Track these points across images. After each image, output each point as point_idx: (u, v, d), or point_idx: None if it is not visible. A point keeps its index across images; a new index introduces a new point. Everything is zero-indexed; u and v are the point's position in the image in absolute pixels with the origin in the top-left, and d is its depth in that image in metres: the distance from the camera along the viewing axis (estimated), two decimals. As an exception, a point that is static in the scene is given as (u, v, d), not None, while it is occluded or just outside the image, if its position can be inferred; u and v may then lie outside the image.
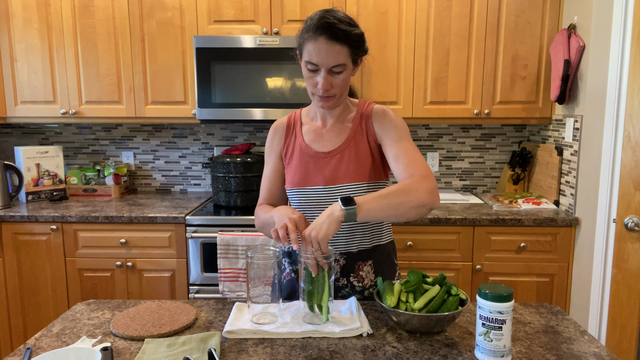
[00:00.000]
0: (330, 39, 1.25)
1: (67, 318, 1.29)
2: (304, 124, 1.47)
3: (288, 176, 1.44)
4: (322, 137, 1.43)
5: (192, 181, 3.12)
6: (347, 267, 1.41)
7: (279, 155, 1.48)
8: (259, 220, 1.44)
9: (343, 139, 1.41)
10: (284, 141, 1.47)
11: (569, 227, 2.36)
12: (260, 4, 2.57)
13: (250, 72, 2.52)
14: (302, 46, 1.31)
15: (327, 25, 1.24)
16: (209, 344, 1.10)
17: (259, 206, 1.48)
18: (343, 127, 1.42)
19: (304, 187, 1.40)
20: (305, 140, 1.44)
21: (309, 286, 1.20)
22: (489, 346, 1.03)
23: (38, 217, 2.44)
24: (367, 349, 1.10)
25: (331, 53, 1.26)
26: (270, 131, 1.50)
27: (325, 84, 1.29)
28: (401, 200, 1.20)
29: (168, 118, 2.70)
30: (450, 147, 3.02)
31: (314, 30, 1.25)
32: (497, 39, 2.56)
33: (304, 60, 1.30)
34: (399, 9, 2.56)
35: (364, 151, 1.39)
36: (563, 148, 2.51)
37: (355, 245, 1.41)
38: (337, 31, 1.24)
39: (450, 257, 2.41)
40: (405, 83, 2.61)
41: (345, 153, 1.39)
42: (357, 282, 1.42)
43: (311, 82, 1.32)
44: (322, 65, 1.27)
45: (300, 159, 1.42)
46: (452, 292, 1.21)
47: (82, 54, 2.66)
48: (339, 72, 1.30)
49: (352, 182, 1.37)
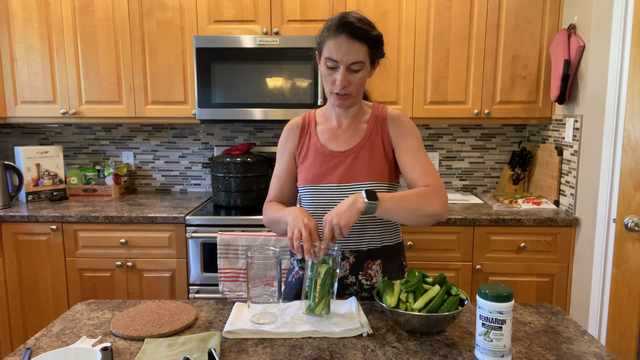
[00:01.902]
0: (350, 37, 1.29)
1: (67, 318, 1.29)
2: (318, 123, 1.50)
3: (301, 174, 1.47)
4: (338, 137, 1.46)
5: (192, 181, 3.12)
6: (356, 265, 1.43)
7: (292, 154, 1.51)
8: (267, 217, 1.46)
9: (358, 140, 1.44)
10: (298, 140, 1.50)
11: (569, 227, 2.36)
12: (260, 4, 2.57)
13: (250, 72, 2.52)
14: (322, 44, 1.35)
15: (348, 24, 1.29)
16: (209, 344, 1.10)
17: (267, 203, 1.51)
18: (358, 128, 1.46)
19: (317, 185, 1.42)
20: (320, 140, 1.46)
21: (315, 276, 1.21)
22: (489, 346, 1.03)
23: (38, 217, 2.44)
24: (367, 349, 1.10)
25: (351, 50, 1.30)
26: (284, 130, 1.53)
27: (344, 80, 1.32)
28: (418, 206, 1.28)
29: (168, 118, 2.70)
30: (450, 147, 3.02)
31: (335, 28, 1.30)
32: (497, 39, 2.56)
33: (324, 57, 1.34)
34: (399, 9, 2.56)
35: (378, 152, 1.42)
36: (563, 148, 2.51)
37: (365, 244, 1.43)
38: (358, 30, 1.29)
39: (450, 257, 2.41)
40: (405, 83, 2.61)
41: (360, 153, 1.42)
42: (365, 280, 1.43)
43: (330, 79, 1.35)
44: (342, 61, 1.31)
45: (315, 158, 1.45)
46: (452, 292, 1.21)
47: (82, 54, 2.66)
48: (357, 70, 1.33)
49: (366, 181, 1.40)
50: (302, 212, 1.28)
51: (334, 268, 1.22)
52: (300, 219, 1.24)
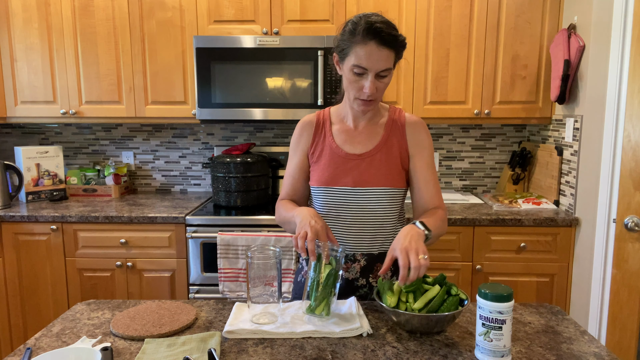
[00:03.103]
0: (380, 44, 1.27)
1: (67, 318, 1.29)
2: (333, 123, 1.48)
3: (315, 174, 1.45)
4: (354, 139, 1.44)
5: (192, 181, 3.12)
6: (367, 267, 1.43)
7: (305, 152, 1.49)
8: (279, 216, 1.46)
9: (375, 143, 1.43)
10: (312, 139, 1.47)
11: (569, 227, 2.36)
12: (260, 4, 2.57)
13: (250, 72, 2.52)
14: (347, 50, 1.31)
15: (378, 30, 1.26)
16: (209, 344, 1.10)
17: (280, 201, 1.50)
18: (375, 131, 1.44)
19: (331, 187, 1.42)
20: (335, 141, 1.45)
21: (317, 276, 1.21)
22: (489, 346, 1.03)
23: (38, 217, 2.44)
24: (367, 349, 1.10)
25: (382, 58, 1.28)
26: (297, 128, 1.50)
27: (372, 87, 1.31)
28: (442, 231, 1.38)
29: (168, 118, 2.70)
30: (450, 147, 3.02)
31: (364, 35, 1.27)
32: (497, 39, 2.56)
33: (351, 64, 1.30)
34: (399, 9, 2.56)
35: (394, 158, 1.42)
36: (563, 148, 2.51)
37: (377, 247, 1.44)
38: (387, 36, 1.27)
39: (450, 257, 2.41)
40: (405, 83, 2.61)
41: (376, 157, 1.41)
42: (375, 282, 1.44)
43: (356, 85, 1.33)
44: (372, 69, 1.29)
45: (330, 159, 1.43)
46: (452, 292, 1.21)
47: (82, 54, 2.66)
48: (384, 77, 1.32)
49: (381, 186, 1.39)
50: (310, 213, 1.27)
51: (336, 270, 1.21)
52: (307, 220, 1.24)
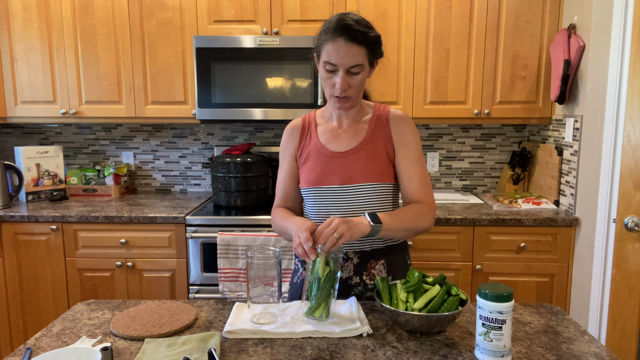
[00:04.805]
0: (349, 40, 1.28)
1: (67, 318, 1.29)
2: (318, 124, 1.49)
3: (303, 176, 1.46)
4: (339, 137, 1.45)
5: (192, 181, 3.12)
6: (360, 265, 1.43)
7: (293, 156, 1.50)
8: (275, 226, 1.47)
9: (360, 140, 1.43)
10: (299, 142, 1.49)
11: (569, 227, 2.36)
12: (260, 4, 2.57)
13: (250, 72, 2.52)
14: (320, 47, 1.34)
15: (346, 27, 1.27)
16: (209, 344, 1.10)
17: (275, 209, 1.51)
18: (359, 128, 1.45)
19: (319, 186, 1.42)
20: (320, 140, 1.46)
21: (316, 277, 1.21)
22: (489, 346, 1.03)
23: (38, 217, 2.44)
24: (367, 349, 1.10)
25: (350, 53, 1.29)
26: (284, 133, 1.52)
27: (343, 84, 1.32)
28: (413, 225, 1.36)
29: (168, 118, 2.70)
30: (450, 147, 3.02)
31: (333, 32, 1.29)
32: (497, 39, 2.56)
33: (323, 61, 1.33)
34: (399, 9, 2.56)
35: (380, 152, 1.42)
36: (563, 148, 2.51)
37: (368, 244, 1.43)
38: (356, 32, 1.28)
39: (450, 257, 2.41)
40: (405, 83, 2.61)
41: (361, 153, 1.41)
42: (369, 280, 1.43)
43: (329, 82, 1.35)
44: (341, 65, 1.30)
45: (316, 159, 1.44)
46: (452, 292, 1.21)
47: (82, 54, 2.66)
48: (357, 73, 1.33)
49: (368, 182, 1.39)
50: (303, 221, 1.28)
51: (334, 272, 1.21)
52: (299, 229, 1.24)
